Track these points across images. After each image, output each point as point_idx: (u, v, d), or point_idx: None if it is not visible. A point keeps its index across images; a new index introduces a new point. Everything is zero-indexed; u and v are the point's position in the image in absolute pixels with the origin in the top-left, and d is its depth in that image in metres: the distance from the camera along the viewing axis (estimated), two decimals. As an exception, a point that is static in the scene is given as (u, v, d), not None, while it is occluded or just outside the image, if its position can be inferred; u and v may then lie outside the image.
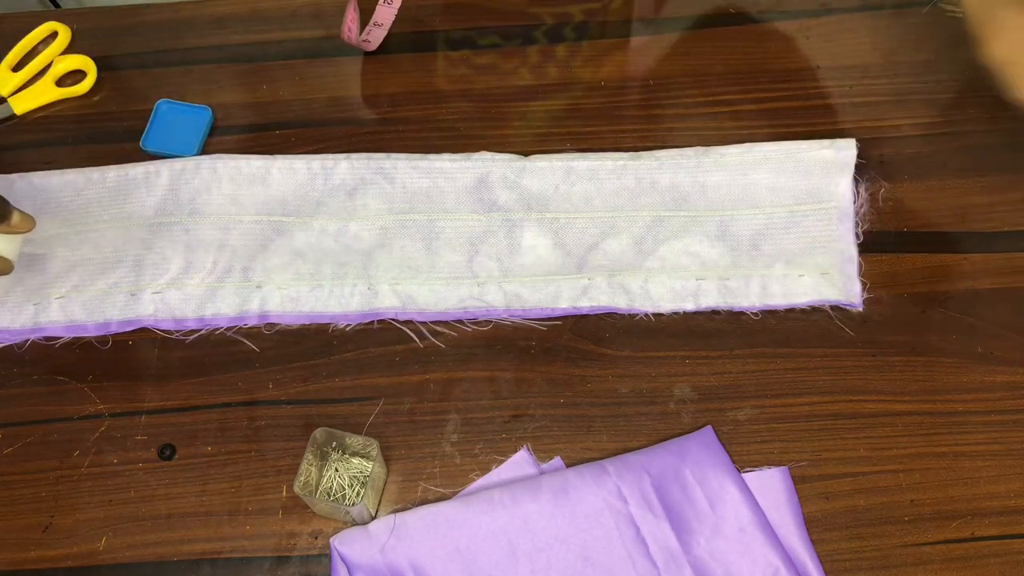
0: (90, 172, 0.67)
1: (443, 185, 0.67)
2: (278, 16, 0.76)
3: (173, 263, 0.64)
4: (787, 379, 0.62)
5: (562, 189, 0.67)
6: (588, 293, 0.64)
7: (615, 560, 0.55)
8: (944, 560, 0.56)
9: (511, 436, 0.60)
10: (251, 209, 0.66)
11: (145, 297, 0.63)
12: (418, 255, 0.65)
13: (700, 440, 0.58)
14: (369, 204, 0.66)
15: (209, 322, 0.63)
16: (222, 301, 0.63)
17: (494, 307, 0.63)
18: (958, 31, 0.75)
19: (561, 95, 0.73)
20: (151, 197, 0.66)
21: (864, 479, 0.58)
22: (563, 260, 0.65)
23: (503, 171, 0.67)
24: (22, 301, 0.63)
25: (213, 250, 0.65)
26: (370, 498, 0.56)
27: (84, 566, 0.56)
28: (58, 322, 0.63)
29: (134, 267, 0.64)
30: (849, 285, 0.64)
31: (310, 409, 0.61)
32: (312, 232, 0.65)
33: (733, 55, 0.74)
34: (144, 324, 0.63)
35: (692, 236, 0.66)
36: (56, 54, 0.74)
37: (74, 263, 0.64)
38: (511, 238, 0.65)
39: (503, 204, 0.66)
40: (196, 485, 0.58)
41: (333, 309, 0.63)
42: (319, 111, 0.72)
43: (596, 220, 0.66)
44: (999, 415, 0.60)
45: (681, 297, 0.64)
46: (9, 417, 0.61)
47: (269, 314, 0.63)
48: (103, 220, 0.66)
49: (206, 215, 0.66)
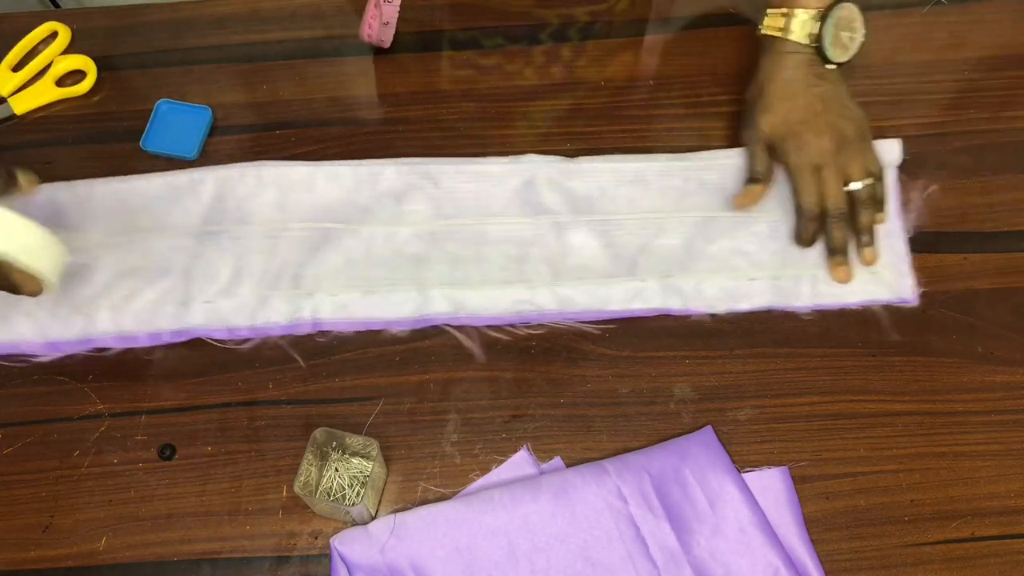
0: (134, 180, 0.67)
1: (490, 189, 0.67)
2: (278, 16, 0.76)
3: (222, 272, 0.64)
4: (787, 379, 0.62)
5: (609, 191, 0.67)
6: (641, 295, 0.63)
7: (615, 560, 0.55)
8: (944, 560, 0.56)
9: (511, 436, 0.60)
10: (298, 216, 0.66)
11: (196, 307, 0.62)
12: (468, 260, 0.65)
13: (700, 440, 0.58)
14: (417, 209, 0.66)
15: (262, 330, 0.62)
16: (273, 309, 0.62)
17: (546, 310, 0.63)
18: (958, 31, 0.75)
19: (562, 95, 0.73)
20: (197, 205, 0.66)
21: (864, 479, 0.58)
22: (614, 262, 0.65)
23: (549, 173, 0.67)
24: (71, 312, 0.62)
25: (262, 258, 0.64)
26: (370, 498, 0.56)
27: (84, 566, 0.56)
28: (109, 333, 0.62)
29: (183, 276, 0.64)
30: (901, 282, 0.64)
31: (310, 409, 0.61)
32: (361, 238, 0.65)
33: (734, 55, 0.74)
34: (196, 334, 0.62)
35: (742, 236, 0.66)
36: (56, 54, 0.74)
37: (122, 273, 0.64)
38: (560, 241, 0.65)
39: (550, 207, 0.66)
40: (196, 485, 0.58)
41: (386, 315, 0.63)
42: (319, 111, 0.72)
43: (644, 221, 0.66)
44: (999, 415, 0.60)
45: (734, 297, 0.64)
46: (9, 417, 0.61)
47: (322, 321, 0.62)
48: (149, 229, 0.65)
49: (253, 223, 0.65)
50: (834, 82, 0.65)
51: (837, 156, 0.63)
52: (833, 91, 0.65)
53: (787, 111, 0.65)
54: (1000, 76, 0.73)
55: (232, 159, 0.69)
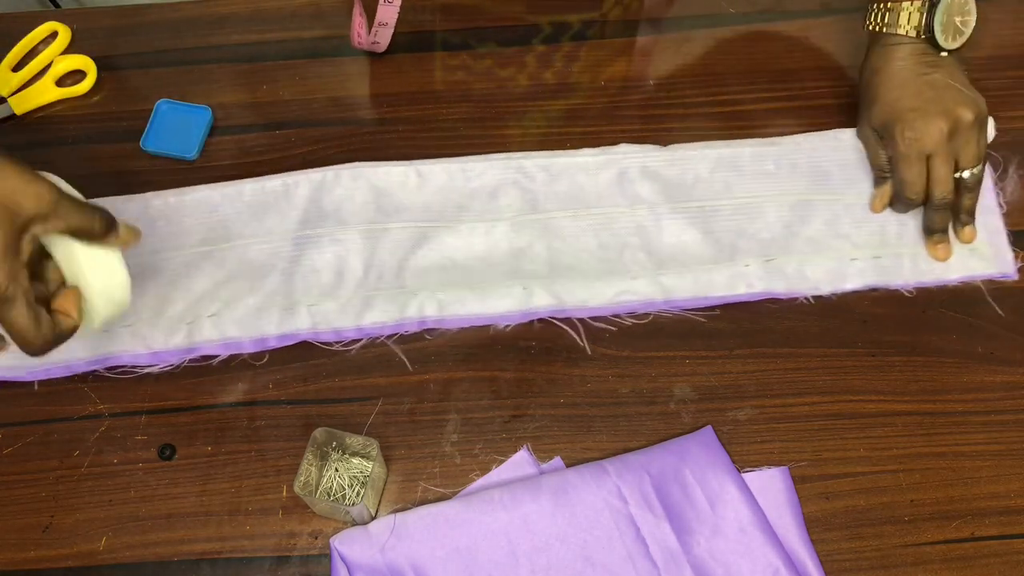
0: (224, 187, 0.67)
1: (583, 181, 0.67)
2: (278, 16, 0.76)
3: (324, 274, 0.64)
4: (787, 379, 0.62)
5: (704, 177, 0.67)
6: (745, 279, 0.64)
7: (615, 560, 0.55)
8: (944, 560, 0.56)
9: (511, 436, 0.60)
10: (395, 216, 0.66)
11: (300, 310, 0.62)
12: (566, 252, 0.65)
13: (700, 440, 0.58)
14: (513, 204, 0.66)
15: (368, 331, 0.62)
16: (379, 309, 0.62)
17: (651, 299, 0.63)
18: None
19: (561, 96, 0.73)
20: (293, 209, 0.66)
21: (864, 479, 0.58)
22: (714, 248, 0.65)
23: (643, 163, 0.67)
24: (174, 321, 0.62)
25: (363, 259, 0.64)
26: (370, 498, 0.56)
27: (84, 566, 0.56)
28: (213, 340, 0.62)
29: (284, 280, 0.64)
30: (1001, 256, 0.64)
31: (310, 409, 0.61)
32: (460, 235, 0.65)
33: (733, 55, 0.74)
34: (303, 338, 0.62)
35: (839, 216, 0.66)
36: (56, 54, 0.74)
37: (220, 280, 0.64)
38: (658, 229, 0.66)
39: (646, 196, 0.67)
40: (196, 485, 0.58)
41: (490, 311, 0.63)
42: (319, 111, 0.72)
43: (741, 206, 0.66)
44: (999, 415, 0.60)
45: (837, 278, 0.64)
46: (9, 417, 0.61)
47: (428, 320, 0.63)
48: (244, 235, 0.65)
49: (351, 224, 0.65)
50: (949, 68, 0.64)
51: (950, 143, 0.63)
52: (947, 77, 0.64)
53: (895, 99, 0.64)
54: (1000, 76, 0.73)
55: (232, 159, 0.69)
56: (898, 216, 0.66)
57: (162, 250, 0.65)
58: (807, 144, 0.69)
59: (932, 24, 0.63)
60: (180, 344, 0.62)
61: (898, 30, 0.64)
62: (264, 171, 0.68)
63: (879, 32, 0.66)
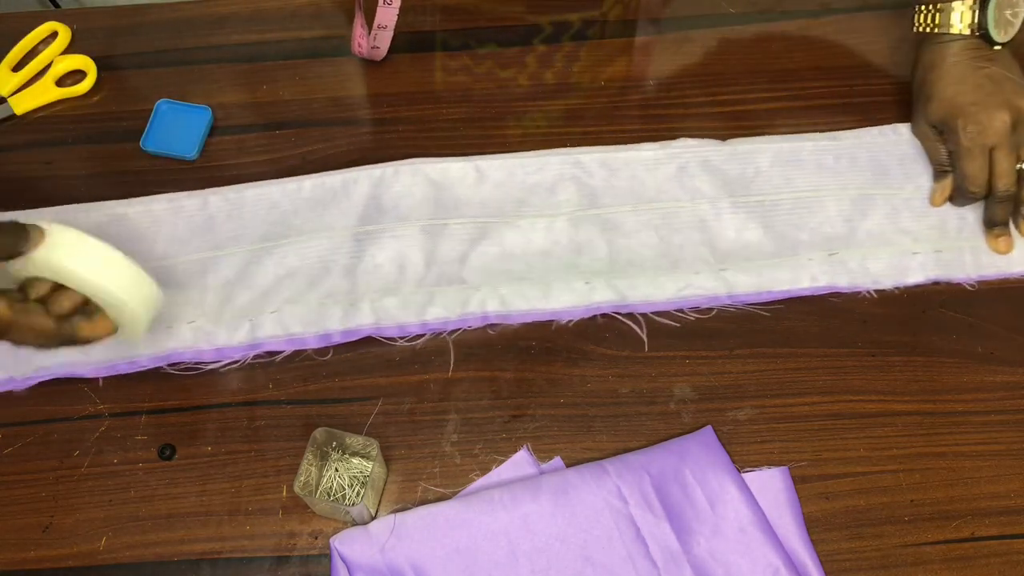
0: (285, 183, 0.67)
1: (643, 175, 0.67)
2: (278, 16, 0.76)
3: (385, 269, 0.64)
4: (787, 379, 0.62)
5: (763, 171, 0.68)
6: (809, 273, 0.64)
7: (615, 560, 0.55)
8: (944, 560, 0.56)
9: (511, 436, 0.60)
10: (455, 212, 0.66)
11: (364, 306, 0.62)
12: (627, 247, 0.65)
13: (700, 440, 0.58)
14: (571, 199, 0.66)
15: (431, 326, 0.62)
16: (440, 305, 0.63)
17: (714, 294, 0.63)
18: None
19: (561, 96, 0.73)
20: (353, 206, 0.66)
21: (864, 479, 0.58)
22: (776, 242, 0.65)
23: (703, 157, 0.68)
24: (237, 317, 0.62)
25: (424, 254, 0.64)
26: (370, 498, 0.56)
27: (84, 566, 0.56)
28: (276, 336, 0.62)
29: (346, 276, 0.64)
30: None
31: (310, 409, 0.61)
32: (520, 231, 0.65)
33: (734, 55, 0.74)
34: (366, 333, 0.62)
35: (899, 211, 0.66)
36: (56, 54, 0.74)
37: (282, 276, 0.64)
38: (719, 223, 0.66)
39: (706, 191, 0.67)
40: (196, 485, 0.58)
41: (552, 306, 0.63)
42: (319, 111, 0.72)
43: (801, 200, 0.67)
44: (999, 415, 0.60)
45: (900, 271, 0.64)
46: (9, 417, 0.61)
47: (490, 315, 0.63)
48: (305, 231, 0.65)
49: (411, 220, 0.66)
50: (1004, 61, 0.64)
51: (1012, 135, 0.63)
52: (1004, 70, 0.64)
53: (954, 95, 0.64)
54: None
55: (232, 159, 0.69)
56: (958, 210, 0.66)
57: (223, 246, 0.65)
58: (867, 138, 0.69)
59: (985, 21, 0.63)
60: (243, 340, 0.62)
61: (950, 30, 0.64)
62: (264, 171, 0.69)
63: (930, 33, 0.66)
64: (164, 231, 0.65)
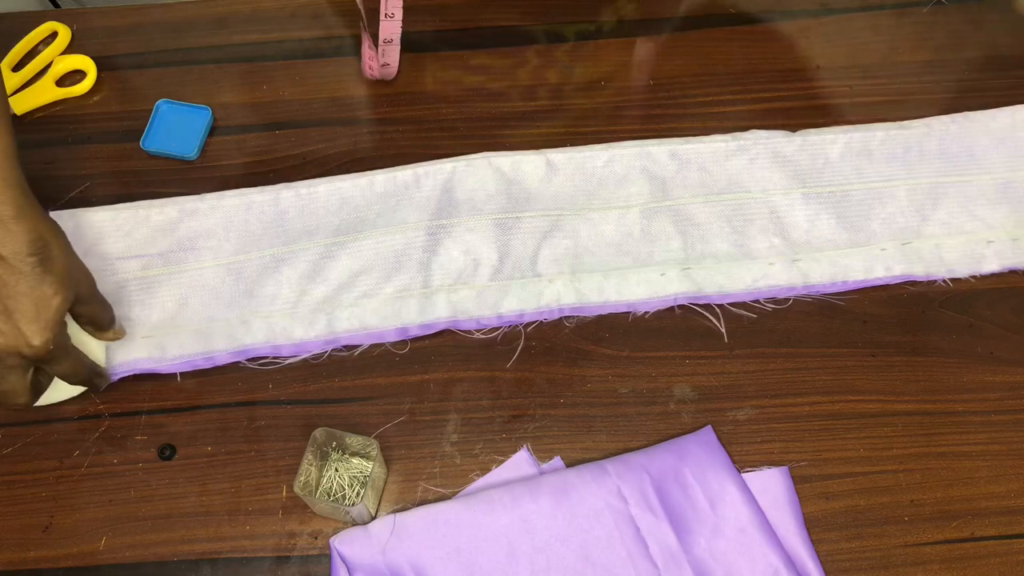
0: (356, 178, 0.67)
1: (711, 168, 0.67)
2: (278, 16, 0.76)
3: (460, 263, 0.64)
4: (787, 379, 0.62)
5: (833, 161, 0.68)
6: (883, 263, 0.64)
7: (615, 560, 0.55)
8: (944, 560, 0.56)
9: (511, 436, 0.60)
10: (527, 205, 0.66)
11: (439, 299, 0.63)
12: (699, 238, 0.65)
13: (700, 440, 0.58)
14: (643, 191, 0.67)
15: (507, 319, 0.63)
16: (515, 297, 0.63)
17: (790, 285, 0.63)
18: (958, 31, 0.75)
19: (562, 96, 0.73)
20: (425, 200, 0.66)
21: (864, 479, 0.58)
22: (848, 232, 0.66)
23: (773, 148, 0.68)
24: (313, 311, 0.63)
25: (498, 248, 0.65)
26: (370, 498, 0.56)
27: (84, 566, 0.56)
28: (353, 330, 0.62)
29: (421, 269, 0.64)
30: None
31: (310, 409, 0.61)
32: (591, 223, 0.65)
33: (733, 55, 0.74)
34: (442, 326, 0.62)
35: (972, 199, 0.67)
36: (56, 54, 0.74)
37: (357, 271, 0.64)
38: (791, 214, 0.66)
39: (777, 181, 0.67)
40: (196, 485, 0.58)
41: (627, 298, 0.63)
42: (319, 111, 0.72)
43: (872, 190, 0.67)
44: (999, 415, 0.60)
45: (975, 260, 0.64)
46: (9, 417, 0.61)
47: (565, 307, 0.63)
48: (378, 226, 0.65)
49: (484, 213, 0.66)
50: None
51: None
52: None
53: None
54: (1000, 76, 0.73)
55: (232, 159, 0.69)
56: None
57: (297, 240, 0.65)
58: (938, 127, 0.69)
59: None
60: (320, 334, 0.62)
61: None
62: (264, 171, 0.69)
63: None
64: (236, 227, 0.65)
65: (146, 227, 0.65)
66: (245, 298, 0.63)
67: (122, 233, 0.65)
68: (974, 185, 0.67)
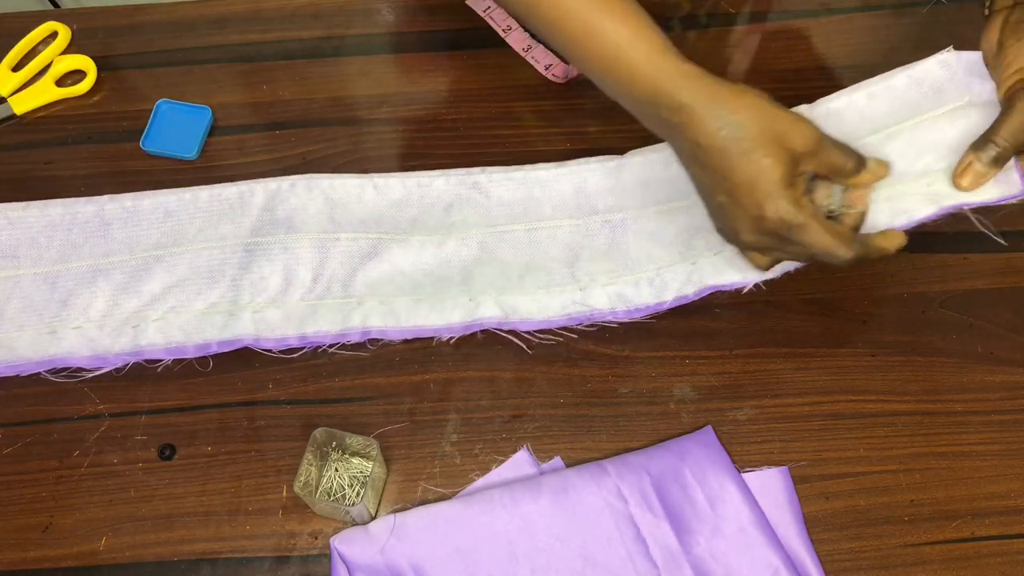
0: (182, 193, 0.66)
1: (539, 194, 0.67)
2: (278, 16, 0.76)
3: (271, 281, 0.63)
4: (787, 379, 0.62)
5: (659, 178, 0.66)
6: (691, 278, 0.63)
7: (615, 560, 0.55)
8: (944, 560, 0.56)
9: (511, 436, 0.60)
10: (347, 227, 0.65)
11: (245, 316, 0.62)
12: (517, 265, 0.64)
13: (700, 440, 0.58)
14: (467, 219, 0.66)
15: (311, 340, 0.62)
16: (323, 318, 0.62)
17: (598, 309, 0.63)
18: (958, 31, 0.75)
19: (562, 95, 0.73)
20: (247, 217, 0.66)
21: (864, 479, 0.58)
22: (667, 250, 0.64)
23: (600, 174, 0.67)
24: (120, 324, 0.62)
25: (311, 268, 0.64)
26: (370, 498, 0.56)
27: (84, 566, 0.56)
28: (157, 344, 0.61)
29: (232, 287, 0.63)
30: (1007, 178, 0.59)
31: (310, 409, 0.61)
32: (411, 248, 0.65)
33: (733, 55, 0.74)
34: (245, 343, 0.62)
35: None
36: (56, 54, 0.74)
37: (170, 285, 0.63)
38: (612, 239, 0.65)
39: (601, 207, 0.66)
40: (196, 485, 0.58)
41: (435, 323, 0.62)
42: (319, 111, 0.72)
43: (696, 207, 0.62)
44: (999, 415, 0.60)
45: None
46: (9, 417, 0.61)
47: (371, 330, 0.62)
48: (197, 241, 0.65)
49: (303, 233, 0.65)
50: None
51: None
52: None
53: None
54: (1000, 76, 0.73)
55: (232, 159, 0.69)
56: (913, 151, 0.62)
57: (116, 252, 0.65)
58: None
59: None
60: (125, 347, 0.61)
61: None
62: (264, 171, 0.69)
63: None
64: (59, 236, 0.65)
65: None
66: (59, 308, 0.63)
67: None
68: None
